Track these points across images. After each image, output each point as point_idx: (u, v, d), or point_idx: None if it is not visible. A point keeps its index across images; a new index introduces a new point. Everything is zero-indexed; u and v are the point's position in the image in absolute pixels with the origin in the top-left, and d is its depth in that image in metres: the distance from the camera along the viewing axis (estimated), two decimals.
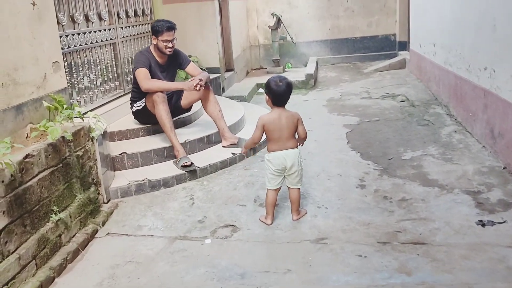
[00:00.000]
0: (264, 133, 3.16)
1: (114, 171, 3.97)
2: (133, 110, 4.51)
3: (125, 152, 4.06)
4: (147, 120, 4.49)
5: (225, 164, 4.25)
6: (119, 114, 4.87)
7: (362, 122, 5.44)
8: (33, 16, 3.38)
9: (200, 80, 4.18)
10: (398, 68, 8.42)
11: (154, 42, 4.31)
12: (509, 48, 3.66)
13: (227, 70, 7.61)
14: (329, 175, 3.94)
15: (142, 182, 3.81)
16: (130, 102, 4.59)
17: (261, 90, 7.89)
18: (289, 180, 3.21)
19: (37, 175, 2.76)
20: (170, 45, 4.28)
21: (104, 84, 4.97)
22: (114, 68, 5.22)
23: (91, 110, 4.29)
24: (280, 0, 9.79)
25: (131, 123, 4.63)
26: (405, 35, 9.19)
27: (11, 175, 2.52)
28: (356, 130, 5.15)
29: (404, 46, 9.26)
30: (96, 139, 3.49)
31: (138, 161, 4.10)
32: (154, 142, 4.33)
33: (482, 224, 3.00)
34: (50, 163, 2.91)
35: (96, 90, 4.78)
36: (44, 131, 2.95)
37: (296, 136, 3.25)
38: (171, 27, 4.24)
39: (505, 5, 3.69)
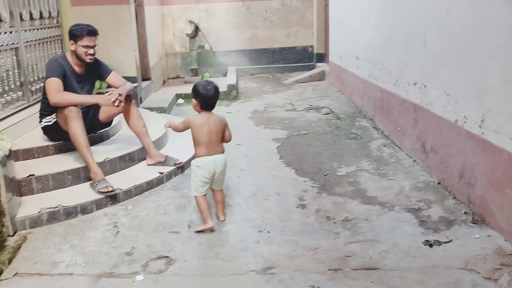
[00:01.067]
0: (192, 137, 3.14)
1: (20, 196, 3.42)
2: (42, 126, 3.96)
3: (33, 175, 3.53)
4: (58, 136, 3.96)
5: (151, 185, 3.85)
6: (23, 129, 4.28)
7: (291, 135, 5.28)
8: None
9: (120, 94, 3.75)
10: (318, 80, 8.46)
11: (72, 48, 3.81)
12: (440, 63, 3.66)
13: (144, 79, 7.15)
14: (267, 194, 3.69)
15: (56, 209, 3.31)
16: (39, 115, 4.04)
17: (180, 100, 7.51)
18: (216, 184, 3.24)
19: None
20: (91, 51, 3.80)
21: (5, 95, 4.34)
22: (17, 76, 4.60)
23: None
24: (197, 7, 9.49)
25: (39, 140, 4.07)
26: (322, 47, 9.30)
27: None
28: (287, 144, 4.98)
29: (321, 58, 9.36)
30: (0, 162, 2.96)
31: (49, 184, 3.58)
32: (67, 162, 3.82)
33: (430, 244, 2.91)
34: None
35: None
36: None
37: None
38: (92, 31, 3.78)
39: (436, 20, 3.69)
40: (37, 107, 4.69)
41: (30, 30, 4.87)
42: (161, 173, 3.97)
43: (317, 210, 3.41)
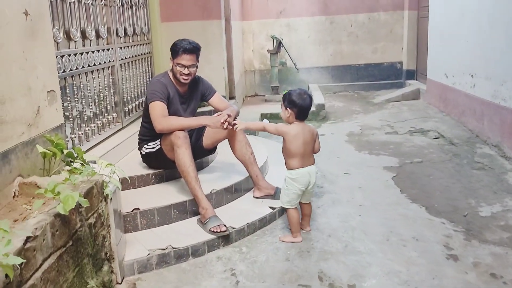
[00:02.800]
0: (285, 148, 3.08)
1: (124, 233, 3.03)
2: (143, 152, 3.58)
3: (138, 208, 3.13)
4: (160, 164, 3.58)
5: (264, 223, 3.36)
6: (118, 155, 3.93)
7: (403, 164, 4.66)
8: (25, 29, 2.48)
9: (229, 115, 3.32)
10: (412, 99, 7.77)
11: (171, 64, 3.43)
12: None
13: (230, 98, 6.76)
14: (402, 239, 3.11)
15: (165, 251, 2.88)
16: (138, 140, 3.67)
17: (265, 121, 7.05)
18: (306, 196, 3.16)
19: (41, 265, 1.81)
20: (186, 71, 3.39)
21: (101, 117, 4.02)
22: (112, 97, 4.28)
23: (86, 151, 3.37)
24: (279, 22, 9.08)
25: (137, 167, 3.70)
26: (414, 63, 8.63)
27: (6, 276, 1.57)
28: (402, 174, 4.37)
29: (412, 74, 8.67)
30: (111, 198, 2.56)
31: (154, 219, 3.17)
32: (171, 193, 3.41)
33: None
34: (58, 243, 1.96)
35: (92, 125, 3.82)
36: (53, 197, 2.00)
37: None
38: (191, 49, 3.37)
39: None
40: (131, 130, 4.39)
41: (124, 47, 4.56)
42: (273, 208, 3.47)
43: (474, 264, 2.78)
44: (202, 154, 3.72)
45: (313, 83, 9.08)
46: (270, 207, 3.48)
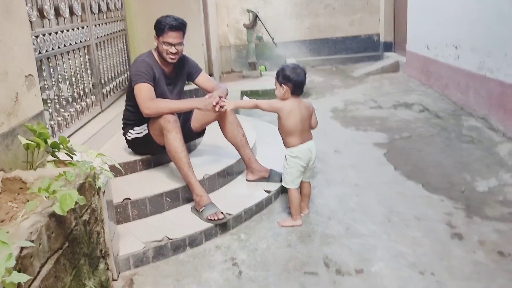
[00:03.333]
0: (282, 125, 2.95)
1: (116, 225, 2.85)
2: (129, 138, 3.37)
3: (129, 199, 2.95)
4: (147, 150, 3.39)
5: (260, 207, 3.24)
6: (101, 140, 3.71)
7: (393, 139, 4.59)
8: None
9: (220, 97, 3.15)
10: (391, 72, 7.71)
11: (156, 43, 3.21)
12: None
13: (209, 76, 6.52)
14: (404, 219, 3.04)
15: (161, 243, 2.72)
16: (123, 125, 3.45)
17: (245, 98, 6.87)
18: (307, 174, 3.06)
19: (38, 273, 1.63)
20: (173, 50, 3.18)
21: (79, 100, 3.77)
22: (89, 79, 4.02)
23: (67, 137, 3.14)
24: None
25: (123, 153, 3.50)
26: (391, 35, 8.55)
27: None
28: (393, 150, 4.30)
29: (389, 47, 8.59)
30: (103, 191, 2.38)
31: (146, 209, 3.00)
32: (161, 180, 3.24)
33: None
34: (54, 246, 1.78)
35: (71, 110, 3.57)
36: (47, 196, 1.80)
37: None
38: (178, 26, 3.15)
39: None
40: (110, 113, 4.17)
41: (99, 25, 4.29)
42: (268, 192, 3.34)
43: (480, 242, 2.73)
44: (190, 137, 3.54)
45: (290, 58, 8.90)
46: (266, 191, 3.35)
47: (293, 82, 2.85)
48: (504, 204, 3.15)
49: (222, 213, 2.95)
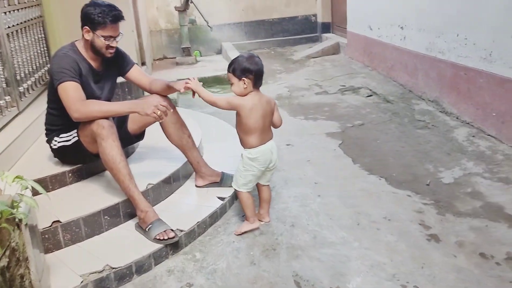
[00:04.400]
0: (241, 124, 2.58)
1: (44, 254, 2.37)
2: (55, 147, 2.86)
3: (59, 221, 2.47)
4: (78, 159, 2.90)
5: (214, 218, 2.86)
6: (21, 149, 3.17)
7: (346, 128, 4.34)
8: None
9: (166, 100, 2.72)
10: (332, 54, 7.50)
11: (88, 36, 2.71)
12: None
13: (142, 64, 5.99)
14: (373, 221, 2.78)
15: (103, 274, 2.28)
16: (46, 131, 2.93)
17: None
18: (265, 177, 2.75)
19: None
20: (114, 44, 2.72)
21: None
22: (2, 75, 3.42)
23: None
24: None
25: (48, 163, 3.00)
26: (329, 15, 8.34)
27: None
28: (348, 141, 4.04)
29: (327, 28, 8.38)
30: (26, 224, 1.90)
31: (81, 231, 2.54)
32: (97, 194, 2.77)
33: None
34: None
35: None
36: None
37: None
38: (118, 16, 2.68)
39: None
40: (30, 114, 3.60)
41: (10, 12, 3.66)
42: (222, 199, 2.97)
43: (459, 243, 2.52)
44: (128, 141, 3.07)
45: (226, 42, 8.49)
46: (219, 198, 2.97)
47: (255, 73, 2.50)
48: (474, 197, 2.97)
49: (172, 230, 2.54)
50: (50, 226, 2.43)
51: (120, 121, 2.99)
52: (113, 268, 2.31)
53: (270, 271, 2.39)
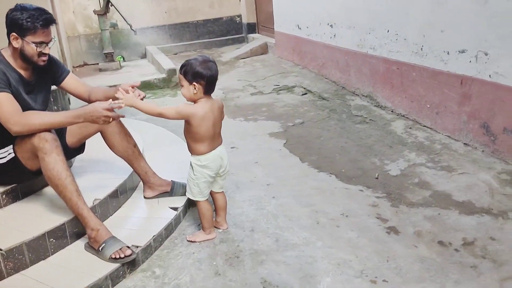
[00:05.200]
0: (190, 132, 2.45)
1: None
2: None
3: (0, 249, 2.22)
4: (13, 179, 2.63)
5: (170, 230, 2.71)
6: None
7: (287, 127, 4.34)
8: None
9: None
10: (261, 54, 7.51)
11: (16, 44, 2.45)
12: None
13: None
14: (331, 219, 2.77)
15: None
16: None
17: None
18: (218, 183, 2.65)
19: None
20: (46, 50, 2.50)
21: None
22: None
23: None
24: None
25: None
26: (253, 16, 8.37)
27: None
28: (292, 140, 4.04)
29: (253, 28, 8.40)
30: None
31: (24, 258, 2.30)
32: (38, 215, 2.53)
33: None
34: None
35: None
36: None
37: None
38: (50, 19, 2.47)
39: None
40: None
41: None
42: (175, 209, 2.83)
43: (417, 233, 2.58)
44: (68, 156, 2.77)
45: (150, 45, 8.23)
46: (172, 208, 2.83)
47: (207, 78, 2.36)
48: (422, 187, 3.06)
49: (128, 247, 2.37)
50: None
51: (58, 134, 2.74)
52: None
53: (237, 281, 2.30)
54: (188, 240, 2.61)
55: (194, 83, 2.36)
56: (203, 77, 2.35)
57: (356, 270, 2.31)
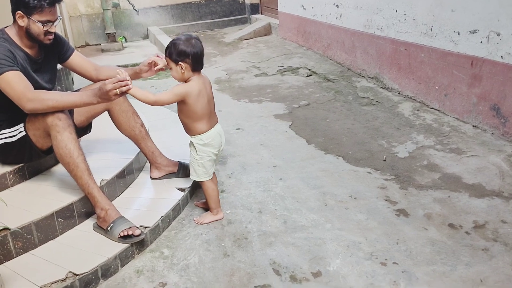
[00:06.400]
0: (188, 112, 2.41)
1: None
2: None
3: (8, 229, 2.20)
4: (21, 158, 2.61)
5: (177, 211, 2.70)
6: None
7: (293, 109, 4.30)
8: None
9: (121, 80, 2.46)
10: (264, 35, 7.42)
11: (22, 22, 2.41)
12: None
13: None
14: (340, 201, 2.75)
15: (66, 282, 2.06)
16: None
17: None
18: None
19: None
20: (52, 29, 2.46)
21: None
22: None
23: None
24: None
25: None
26: None
27: None
28: (297, 121, 4.00)
29: (256, 9, 8.29)
30: None
31: (33, 238, 2.28)
32: (45, 195, 2.51)
33: None
34: None
35: None
36: None
37: None
38: None
39: None
40: None
41: None
42: (183, 190, 2.81)
43: (427, 216, 2.55)
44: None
45: (152, 26, 8.14)
46: (179, 189, 2.81)
47: (192, 55, 2.33)
48: (431, 169, 3.03)
49: (136, 227, 2.35)
50: None
51: None
52: (77, 275, 2.09)
53: (246, 262, 2.29)
54: (196, 223, 2.59)
55: (180, 62, 2.33)
56: (188, 55, 2.31)
57: (366, 252, 2.29)
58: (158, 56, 2.62)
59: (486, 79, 3.31)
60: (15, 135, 2.46)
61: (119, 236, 2.30)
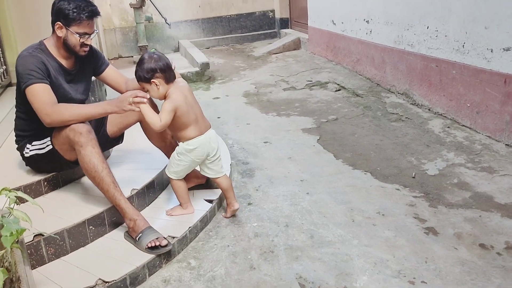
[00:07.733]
0: (178, 123, 2.51)
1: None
2: (27, 155, 2.63)
3: (42, 235, 2.26)
4: (53, 167, 2.68)
5: (205, 222, 2.72)
6: None
7: (321, 123, 4.30)
8: None
9: (136, 95, 2.50)
10: (293, 49, 7.46)
11: (61, 33, 2.50)
12: None
13: None
14: (368, 217, 2.73)
15: None
16: (16, 138, 2.70)
17: None
18: (213, 169, 2.67)
19: None
20: (88, 41, 2.55)
21: None
22: None
23: None
24: None
25: (19, 171, 2.77)
26: (286, 11, 8.31)
27: None
28: (325, 136, 4.00)
29: (286, 23, 8.35)
30: (17, 240, 1.70)
31: (65, 244, 2.34)
32: (77, 203, 2.58)
33: None
34: None
35: None
36: None
37: None
38: (96, 11, 2.50)
39: None
40: None
41: None
42: (210, 201, 2.83)
43: (457, 235, 2.51)
44: (107, 145, 2.88)
45: (183, 39, 8.28)
46: (207, 200, 2.84)
47: (160, 69, 2.39)
48: (461, 188, 2.98)
49: (164, 238, 2.39)
50: (32, 240, 2.22)
51: (99, 124, 2.80)
52: (106, 282, 2.13)
53: (272, 275, 2.29)
54: (168, 214, 2.68)
55: (152, 80, 2.40)
56: (155, 70, 2.38)
57: (394, 270, 2.26)
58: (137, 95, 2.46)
59: None
60: (44, 148, 2.54)
61: (146, 246, 2.33)
